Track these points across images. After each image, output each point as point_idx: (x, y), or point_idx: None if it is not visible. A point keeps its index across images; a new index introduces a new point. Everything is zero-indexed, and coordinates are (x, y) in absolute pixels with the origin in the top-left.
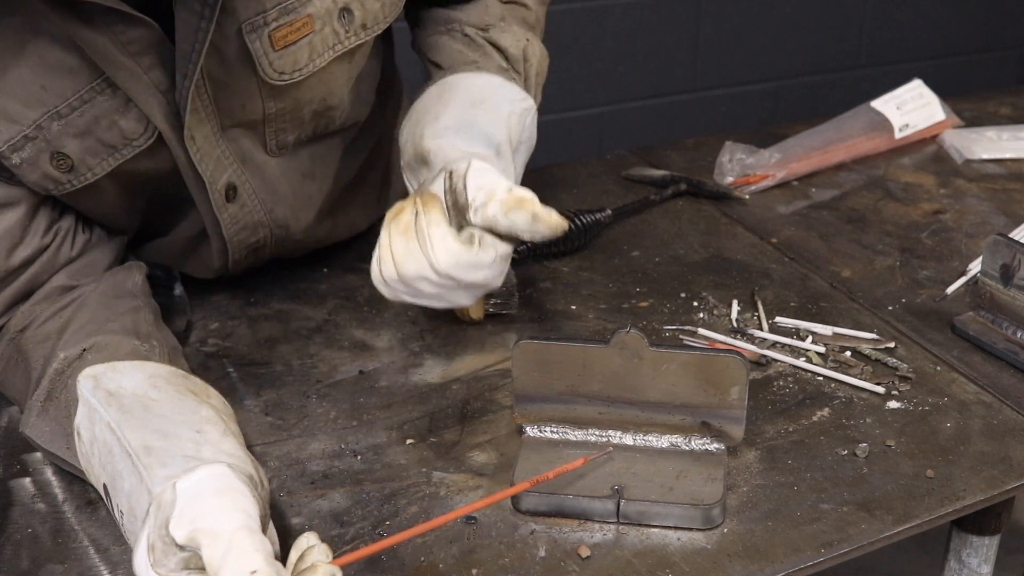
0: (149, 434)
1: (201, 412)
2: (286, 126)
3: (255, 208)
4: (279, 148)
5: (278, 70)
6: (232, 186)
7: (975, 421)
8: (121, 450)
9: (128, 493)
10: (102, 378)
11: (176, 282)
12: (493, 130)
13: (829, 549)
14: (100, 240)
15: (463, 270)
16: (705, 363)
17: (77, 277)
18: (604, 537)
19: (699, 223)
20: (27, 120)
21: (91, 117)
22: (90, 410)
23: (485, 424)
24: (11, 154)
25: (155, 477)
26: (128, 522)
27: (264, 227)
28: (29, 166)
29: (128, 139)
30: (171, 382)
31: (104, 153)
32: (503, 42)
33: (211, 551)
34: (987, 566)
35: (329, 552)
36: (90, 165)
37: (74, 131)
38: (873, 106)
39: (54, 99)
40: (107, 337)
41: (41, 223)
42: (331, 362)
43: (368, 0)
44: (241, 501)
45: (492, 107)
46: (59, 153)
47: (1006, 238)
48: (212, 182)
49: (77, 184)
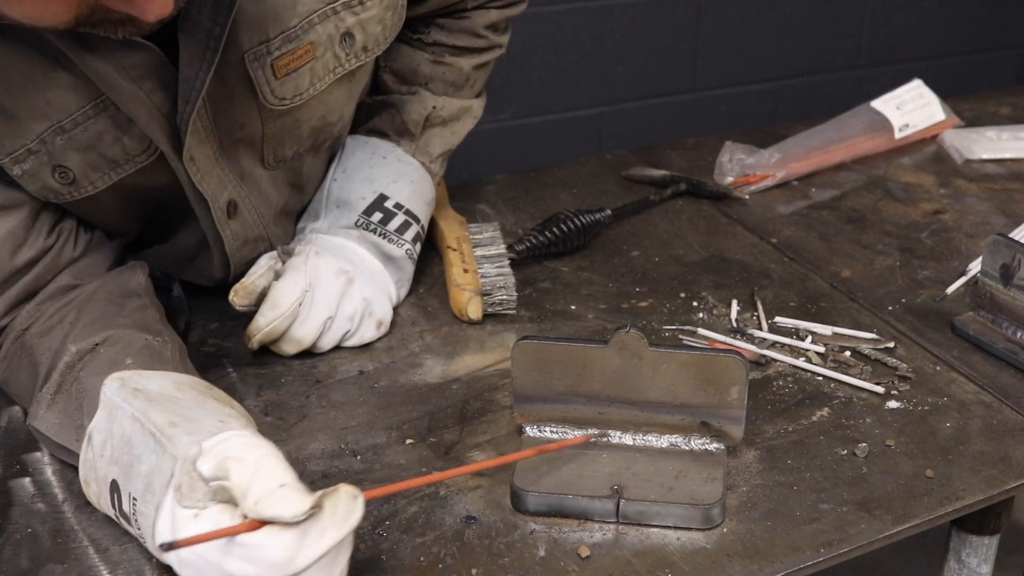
0: (174, 416)
1: (224, 411)
2: (285, 142)
3: (255, 223)
4: (276, 162)
5: (279, 96)
6: (233, 203)
7: (975, 421)
8: (144, 433)
9: (146, 474)
10: (129, 380)
11: (174, 283)
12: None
13: (829, 549)
14: (102, 240)
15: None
16: (705, 363)
17: (80, 277)
18: (604, 537)
19: (699, 223)
20: (31, 133)
21: (94, 133)
22: (111, 409)
23: (485, 424)
24: (13, 166)
25: (180, 443)
26: (142, 504)
27: (264, 241)
28: (30, 178)
29: (130, 155)
30: (195, 388)
31: (106, 168)
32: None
33: (239, 475)
34: (987, 566)
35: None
36: (91, 179)
37: (77, 146)
38: (873, 106)
39: (58, 114)
40: (119, 331)
41: (44, 224)
42: (331, 362)
43: (369, 24)
44: (267, 447)
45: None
46: (61, 167)
47: (1006, 238)
48: (214, 200)
49: (78, 195)
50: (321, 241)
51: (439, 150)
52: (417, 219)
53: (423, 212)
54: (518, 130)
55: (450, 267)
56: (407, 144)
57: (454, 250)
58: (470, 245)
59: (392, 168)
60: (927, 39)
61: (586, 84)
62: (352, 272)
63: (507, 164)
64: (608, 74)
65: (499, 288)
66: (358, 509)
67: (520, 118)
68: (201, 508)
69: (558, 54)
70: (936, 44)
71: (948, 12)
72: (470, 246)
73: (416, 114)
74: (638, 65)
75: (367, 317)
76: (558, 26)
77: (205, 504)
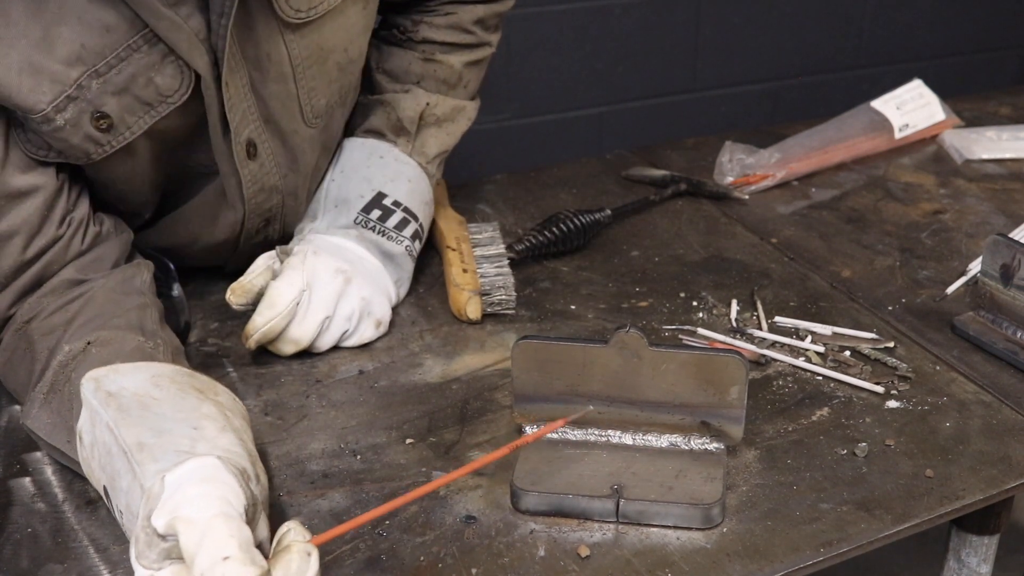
0: (144, 431)
1: (202, 409)
2: (316, 84)
3: (272, 170)
4: (314, 116)
5: (294, 7)
6: (252, 143)
7: (974, 421)
8: (118, 449)
9: (125, 491)
10: (103, 380)
11: (175, 283)
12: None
13: (828, 549)
14: (109, 235)
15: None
16: (704, 363)
17: (85, 271)
18: (603, 537)
19: (699, 223)
20: (69, 79)
21: (128, 74)
22: (92, 413)
23: (485, 424)
24: (55, 115)
25: (146, 472)
26: (127, 520)
27: (278, 193)
28: (72, 128)
29: (163, 95)
30: (175, 380)
31: (141, 111)
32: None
33: (187, 538)
34: (986, 565)
35: (306, 533)
36: (128, 123)
37: (113, 89)
38: (873, 106)
39: (93, 58)
40: (112, 332)
41: (57, 213)
42: (331, 362)
43: None
44: (222, 490)
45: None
46: (99, 112)
47: (1006, 238)
48: (236, 134)
49: (116, 145)
50: (319, 241)
51: (435, 150)
52: (416, 217)
53: (421, 211)
54: (518, 130)
55: (449, 267)
56: (404, 144)
57: (453, 250)
58: (469, 245)
59: (390, 167)
60: (927, 39)
61: (586, 84)
62: (350, 272)
63: (507, 164)
64: (608, 74)
65: (498, 288)
66: (312, 567)
67: (520, 118)
68: (156, 569)
69: (558, 54)
70: (936, 44)
71: (948, 12)
72: (469, 246)
73: (411, 111)
74: (638, 65)
75: (366, 317)
76: (558, 26)
77: (160, 564)
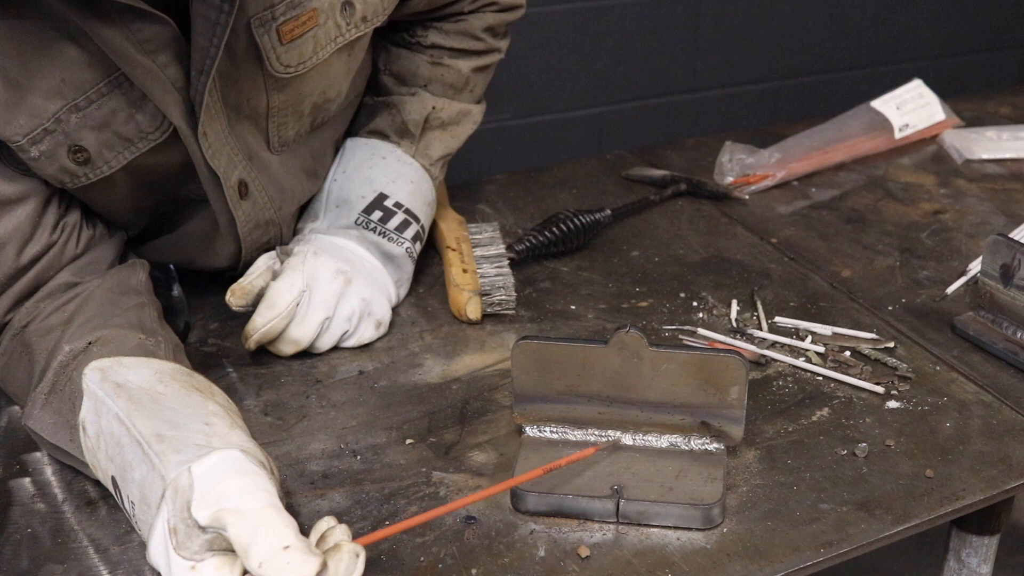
0: (160, 423)
1: (208, 407)
2: (287, 120)
3: (266, 205)
4: (280, 145)
5: (284, 63)
6: (243, 183)
7: (974, 421)
8: (131, 440)
9: (139, 482)
10: (109, 371)
11: (175, 283)
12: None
13: (829, 549)
14: (103, 237)
15: None
16: (704, 363)
17: (81, 274)
18: (604, 537)
19: (699, 223)
20: (47, 113)
21: (108, 110)
22: (97, 403)
23: (485, 424)
24: (30, 147)
25: (169, 463)
26: (140, 511)
27: (275, 225)
28: (47, 159)
29: (144, 132)
30: (176, 379)
31: (120, 146)
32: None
33: (239, 529)
34: (986, 566)
35: (349, 532)
36: (106, 158)
37: (92, 124)
38: (873, 106)
39: (73, 92)
40: (113, 331)
41: (50, 219)
42: (331, 362)
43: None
44: (260, 481)
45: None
46: (77, 146)
47: (1006, 238)
48: (226, 178)
49: (92, 177)
50: (320, 241)
51: (439, 153)
52: (417, 218)
53: (423, 212)
54: (518, 130)
55: (449, 267)
56: (407, 145)
57: (453, 250)
58: (469, 245)
59: (392, 168)
60: (927, 39)
61: (586, 84)
62: (350, 272)
63: (507, 164)
64: (608, 74)
65: (498, 288)
66: (359, 569)
67: (520, 118)
68: (198, 560)
69: (558, 54)
70: (936, 44)
71: (948, 12)
72: (469, 246)
73: (416, 114)
74: (638, 65)
75: (366, 317)
76: (558, 26)
77: (202, 556)
